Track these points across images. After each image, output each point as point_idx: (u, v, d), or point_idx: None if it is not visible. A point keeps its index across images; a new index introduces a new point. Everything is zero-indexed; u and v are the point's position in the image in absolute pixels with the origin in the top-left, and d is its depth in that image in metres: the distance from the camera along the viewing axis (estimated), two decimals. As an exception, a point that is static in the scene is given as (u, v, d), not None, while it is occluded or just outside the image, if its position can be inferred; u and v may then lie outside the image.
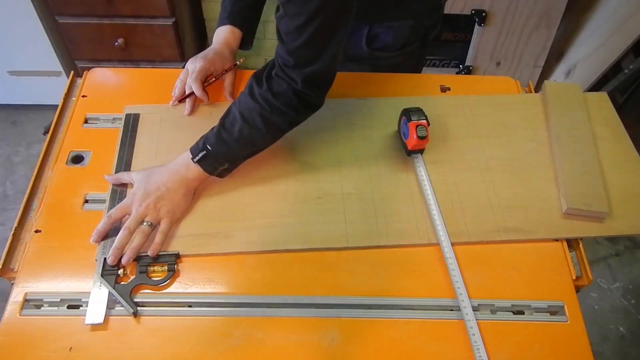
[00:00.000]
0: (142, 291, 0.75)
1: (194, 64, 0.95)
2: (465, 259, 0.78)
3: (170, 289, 0.75)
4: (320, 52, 0.72)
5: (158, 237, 0.78)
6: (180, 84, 0.96)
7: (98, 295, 0.73)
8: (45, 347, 0.69)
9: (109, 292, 0.73)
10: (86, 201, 0.84)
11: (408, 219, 0.82)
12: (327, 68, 0.75)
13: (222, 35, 0.99)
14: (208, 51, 0.97)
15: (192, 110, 0.95)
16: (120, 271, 0.75)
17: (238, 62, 1.00)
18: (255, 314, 0.73)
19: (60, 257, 0.77)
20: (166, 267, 0.76)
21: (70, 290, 0.74)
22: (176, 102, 0.96)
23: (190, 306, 0.74)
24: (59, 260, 0.77)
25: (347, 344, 0.71)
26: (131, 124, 0.94)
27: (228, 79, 0.99)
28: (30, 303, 0.73)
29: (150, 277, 0.76)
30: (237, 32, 0.99)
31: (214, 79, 0.98)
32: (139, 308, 0.73)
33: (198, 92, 0.94)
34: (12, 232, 0.80)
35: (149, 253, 0.76)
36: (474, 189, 0.86)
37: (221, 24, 0.99)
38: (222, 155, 0.79)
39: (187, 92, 0.96)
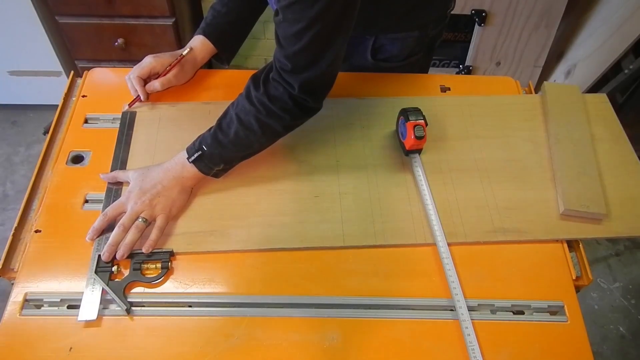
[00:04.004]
0: (142, 291, 0.75)
1: (144, 60, 0.95)
2: (464, 259, 0.78)
3: (171, 289, 0.76)
4: (318, 58, 0.72)
5: (153, 234, 0.78)
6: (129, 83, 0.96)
7: (91, 292, 0.73)
8: (45, 347, 0.70)
9: (103, 289, 0.74)
10: (86, 201, 0.84)
11: (405, 219, 0.82)
12: (325, 74, 0.75)
13: (192, 42, 0.98)
14: (167, 53, 0.97)
15: (146, 96, 0.96)
16: (114, 268, 0.76)
17: (183, 53, 0.97)
18: (255, 314, 0.73)
19: (60, 257, 0.78)
20: (160, 265, 0.76)
21: (70, 290, 0.75)
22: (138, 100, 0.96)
23: (190, 306, 0.74)
24: (59, 260, 0.77)
25: (346, 344, 0.71)
26: (127, 122, 0.94)
27: (171, 72, 0.96)
28: (30, 303, 0.74)
29: (144, 275, 0.76)
30: (208, 44, 0.98)
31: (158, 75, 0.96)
32: (139, 308, 0.73)
33: (134, 81, 0.94)
34: (12, 232, 0.80)
35: (143, 249, 0.76)
36: (472, 189, 0.86)
37: (197, 32, 0.99)
38: (217, 156, 0.80)
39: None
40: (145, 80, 0.96)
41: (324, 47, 0.71)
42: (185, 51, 0.97)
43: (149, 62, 0.95)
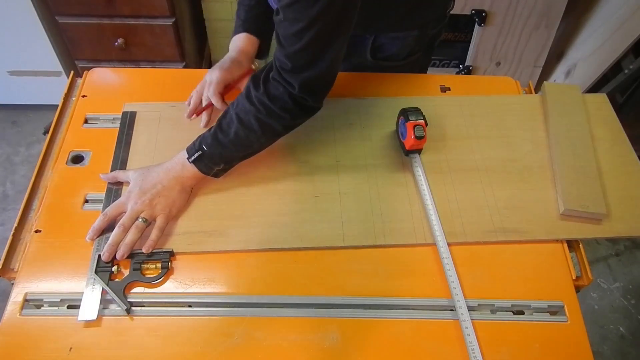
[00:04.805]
0: (142, 291, 0.75)
1: (212, 75, 0.94)
2: (464, 259, 0.78)
3: (171, 289, 0.76)
4: (318, 57, 0.72)
5: (153, 234, 0.78)
6: (196, 95, 0.95)
7: (91, 292, 0.73)
8: (45, 347, 0.70)
9: (103, 289, 0.74)
10: (86, 201, 0.84)
11: (405, 219, 0.82)
12: (325, 73, 0.75)
13: (239, 42, 0.98)
14: (225, 60, 0.96)
15: (209, 122, 0.94)
16: (114, 268, 0.76)
17: (253, 67, 0.98)
18: (255, 314, 0.73)
19: (60, 257, 0.78)
20: (160, 265, 0.76)
21: (70, 290, 0.75)
22: (192, 114, 0.94)
23: (190, 306, 0.74)
24: (59, 260, 0.77)
25: (347, 344, 0.71)
26: (127, 122, 0.94)
27: (244, 84, 0.97)
28: (30, 303, 0.74)
29: (143, 275, 0.76)
30: (253, 39, 0.98)
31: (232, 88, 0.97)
32: (139, 308, 0.73)
33: (218, 104, 0.92)
34: (12, 232, 0.80)
35: (143, 249, 0.76)
36: (472, 189, 0.86)
37: (236, 32, 0.99)
38: (217, 156, 0.80)
39: (204, 104, 0.94)
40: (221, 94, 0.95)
41: (324, 47, 0.71)
42: (254, 65, 0.98)
43: (222, 77, 0.93)
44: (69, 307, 0.73)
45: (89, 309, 0.72)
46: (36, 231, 0.80)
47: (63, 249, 0.78)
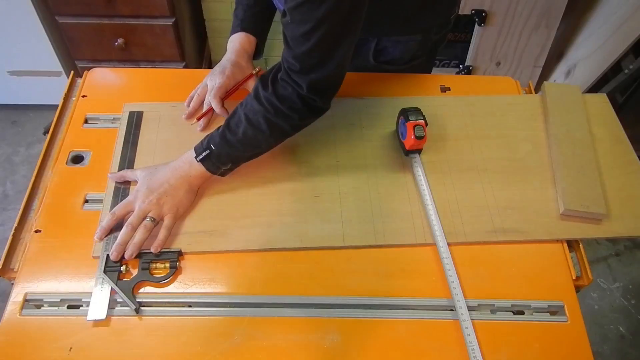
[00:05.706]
0: (142, 291, 0.75)
1: (214, 81, 0.94)
2: (464, 259, 0.78)
3: (171, 289, 0.76)
4: (326, 58, 0.72)
5: (161, 233, 0.78)
6: (197, 99, 0.95)
7: (100, 291, 0.73)
8: (45, 347, 0.70)
9: (111, 288, 0.74)
10: (86, 201, 0.84)
11: (405, 219, 0.82)
12: (333, 74, 0.75)
13: (237, 43, 0.97)
14: (225, 64, 0.96)
15: (206, 127, 0.93)
16: (123, 268, 0.76)
17: (254, 72, 0.98)
18: (255, 314, 0.73)
19: (60, 257, 0.78)
20: (168, 264, 0.76)
21: (71, 290, 0.75)
22: (192, 117, 0.94)
23: (190, 306, 0.74)
24: (59, 260, 0.77)
25: (346, 344, 0.71)
26: (135, 121, 0.94)
27: (250, 86, 0.97)
28: (30, 303, 0.74)
29: (152, 274, 0.76)
30: (251, 39, 0.98)
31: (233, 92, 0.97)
32: (140, 308, 0.73)
33: (217, 108, 0.93)
34: (12, 232, 0.80)
35: (152, 249, 0.76)
36: (472, 189, 0.86)
37: (234, 31, 0.98)
38: (225, 156, 0.80)
39: (205, 109, 0.94)
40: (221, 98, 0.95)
41: (332, 48, 0.71)
42: (256, 70, 0.98)
43: (224, 83, 0.94)
44: (69, 307, 0.73)
45: (98, 308, 0.72)
46: (36, 231, 0.80)
47: (63, 249, 0.78)
